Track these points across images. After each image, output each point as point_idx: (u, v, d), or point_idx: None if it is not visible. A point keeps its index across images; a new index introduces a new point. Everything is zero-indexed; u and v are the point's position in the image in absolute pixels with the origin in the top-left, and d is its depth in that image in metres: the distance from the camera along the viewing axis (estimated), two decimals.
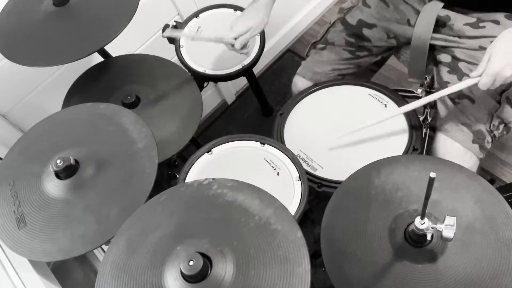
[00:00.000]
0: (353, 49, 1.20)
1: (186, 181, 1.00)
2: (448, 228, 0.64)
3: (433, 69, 1.12)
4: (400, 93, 1.14)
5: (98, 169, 0.83)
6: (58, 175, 0.82)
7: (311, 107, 1.15)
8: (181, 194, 0.74)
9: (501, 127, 1.02)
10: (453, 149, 1.01)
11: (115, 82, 1.15)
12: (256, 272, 0.61)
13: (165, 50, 1.27)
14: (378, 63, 1.26)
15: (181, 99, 1.11)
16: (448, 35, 1.05)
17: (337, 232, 0.76)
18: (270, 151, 1.01)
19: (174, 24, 1.22)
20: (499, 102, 1.00)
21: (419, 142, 1.02)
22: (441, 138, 1.04)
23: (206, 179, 0.73)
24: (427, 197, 0.61)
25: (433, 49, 1.09)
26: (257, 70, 1.96)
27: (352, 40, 1.19)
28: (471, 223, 0.72)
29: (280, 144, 1.02)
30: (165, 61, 1.19)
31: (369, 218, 0.76)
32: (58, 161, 0.80)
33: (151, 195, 0.76)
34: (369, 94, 1.13)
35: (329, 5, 2.09)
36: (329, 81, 1.18)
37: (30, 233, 0.79)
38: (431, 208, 0.71)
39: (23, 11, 1.06)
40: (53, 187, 0.82)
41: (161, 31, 1.22)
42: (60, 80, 1.33)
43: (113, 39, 0.96)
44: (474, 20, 1.01)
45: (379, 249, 0.72)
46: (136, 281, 0.64)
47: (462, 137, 1.01)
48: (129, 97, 1.09)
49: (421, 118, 1.09)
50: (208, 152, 1.04)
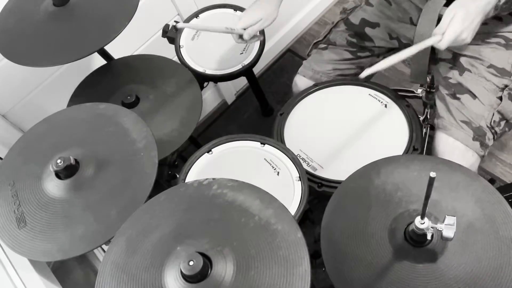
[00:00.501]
0: (354, 49, 1.20)
1: (186, 181, 1.00)
2: (448, 228, 0.64)
3: (432, 68, 1.12)
4: (400, 93, 1.14)
5: (98, 169, 0.83)
6: (58, 175, 0.82)
7: (311, 107, 1.15)
8: (181, 194, 0.73)
9: (502, 123, 1.01)
10: (454, 147, 1.01)
11: (115, 83, 1.15)
12: (256, 272, 0.61)
13: (165, 50, 1.27)
14: None
15: (181, 97, 1.11)
16: None
17: (337, 232, 0.76)
18: (270, 151, 1.01)
19: (174, 24, 1.22)
20: (500, 98, 1.00)
21: (419, 142, 1.02)
22: (441, 137, 1.03)
23: (206, 179, 0.73)
24: (427, 197, 0.61)
25: (434, 47, 1.09)
26: (257, 70, 1.96)
27: (354, 41, 1.19)
28: (471, 222, 0.72)
29: (280, 144, 1.02)
30: (165, 60, 1.19)
31: (369, 218, 0.76)
32: (58, 161, 0.80)
33: (151, 195, 0.76)
34: (369, 94, 1.13)
35: (329, 5, 2.09)
36: (330, 81, 1.18)
37: (30, 233, 0.79)
38: (431, 208, 0.71)
39: (23, 11, 1.06)
40: (53, 187, 0.82)
41: (161, 31, 1.22)
42: (60, 80, 1.34)
43: (113, 39, 0.96)
44: None
45: (379, 249, 0.72)
46: (136, 281, 0.64)
47: (462, 134, 1.00)
48: (129, 97, 1.09)
49: (421, 118, 1.09)
50: (208, 152, 1.04)
